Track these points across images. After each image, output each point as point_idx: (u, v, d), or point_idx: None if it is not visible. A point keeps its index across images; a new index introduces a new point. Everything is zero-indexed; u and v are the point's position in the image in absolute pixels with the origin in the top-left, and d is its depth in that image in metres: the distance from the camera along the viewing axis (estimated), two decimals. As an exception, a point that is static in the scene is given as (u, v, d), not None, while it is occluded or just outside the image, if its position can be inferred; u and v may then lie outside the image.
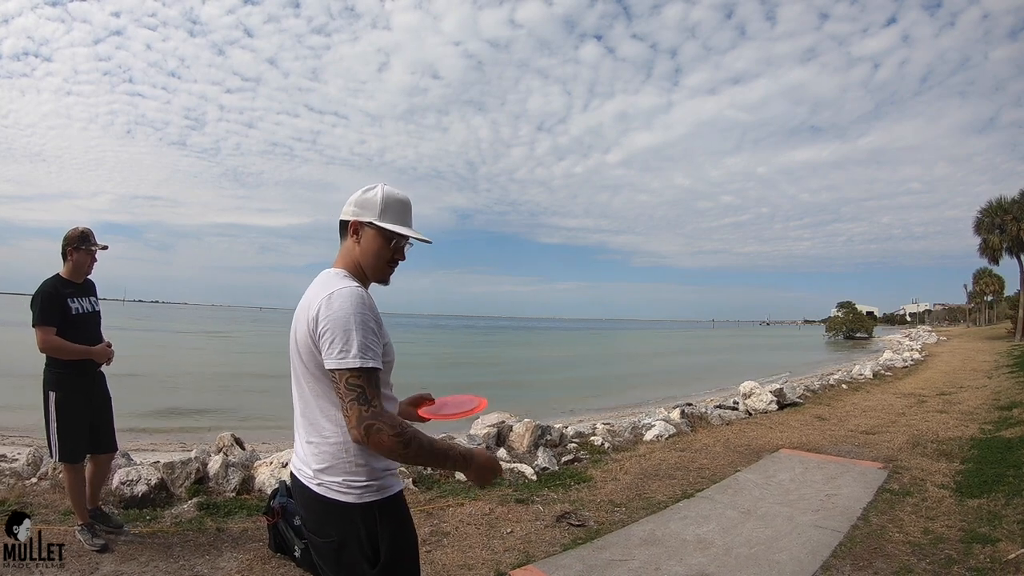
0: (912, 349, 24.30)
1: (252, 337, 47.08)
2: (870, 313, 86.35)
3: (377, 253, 1.51)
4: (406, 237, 1.53)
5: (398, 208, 1.52)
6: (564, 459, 5.52)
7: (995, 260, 37.28)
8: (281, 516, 3.34)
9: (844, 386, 11.54)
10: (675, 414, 7.25)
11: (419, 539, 3.62)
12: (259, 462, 4.65)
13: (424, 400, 1.82)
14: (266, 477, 4.38)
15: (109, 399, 3.58)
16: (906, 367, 16.92)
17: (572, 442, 6.10)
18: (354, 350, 1.32)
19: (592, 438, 6.28)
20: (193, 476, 4.28)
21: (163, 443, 8.24)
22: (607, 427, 6.89)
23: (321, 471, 1.42)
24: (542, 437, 5.93)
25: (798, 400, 9.12)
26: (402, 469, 4.70)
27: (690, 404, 7.92)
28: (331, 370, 1.35)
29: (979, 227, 36.53)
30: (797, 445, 6.26)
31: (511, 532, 3.77)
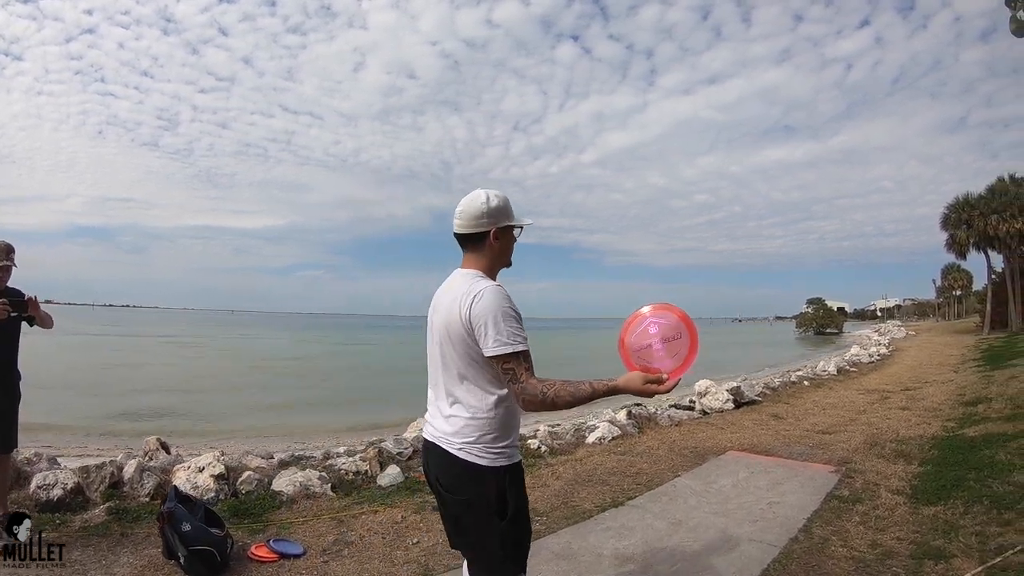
0: (880, 344, 24.34)
1: (219, 341, 46.11)
2: (840, 309, 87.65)
3: (511, 245, 1.87)
4: (522, 226, 1.87)
5: (510, 204, 1.83)
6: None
7: (963, 255, 37.72)
8: (167, 522, 3.10)
9: (806, 383, 11.22)
10: (621, 415, 6.76)
11: (321, 549, 3.18)
12: (179, 466, 4.45)
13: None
14: (183, 481, 4.18)
15: (16, 398, 3.50)
16: (872, 362, 16.78)
17: (506, 446, 5.58)
18: (504, 338, 1.60)
19: (529, 441, 5.78)
20: (108, 480, 4.14)
21: (111, 448, 8.05)
22: (550, 429, 6.39)
23: (464, 440, 1.69)
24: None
25: (756, 398, 8.70)
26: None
27: (639, 404, 7.43)
28: (489, 357, 1.62)
29: (946, 223, 36.88)
30: (747, 447, 5.82)
31: (417, 543, 3.46)
